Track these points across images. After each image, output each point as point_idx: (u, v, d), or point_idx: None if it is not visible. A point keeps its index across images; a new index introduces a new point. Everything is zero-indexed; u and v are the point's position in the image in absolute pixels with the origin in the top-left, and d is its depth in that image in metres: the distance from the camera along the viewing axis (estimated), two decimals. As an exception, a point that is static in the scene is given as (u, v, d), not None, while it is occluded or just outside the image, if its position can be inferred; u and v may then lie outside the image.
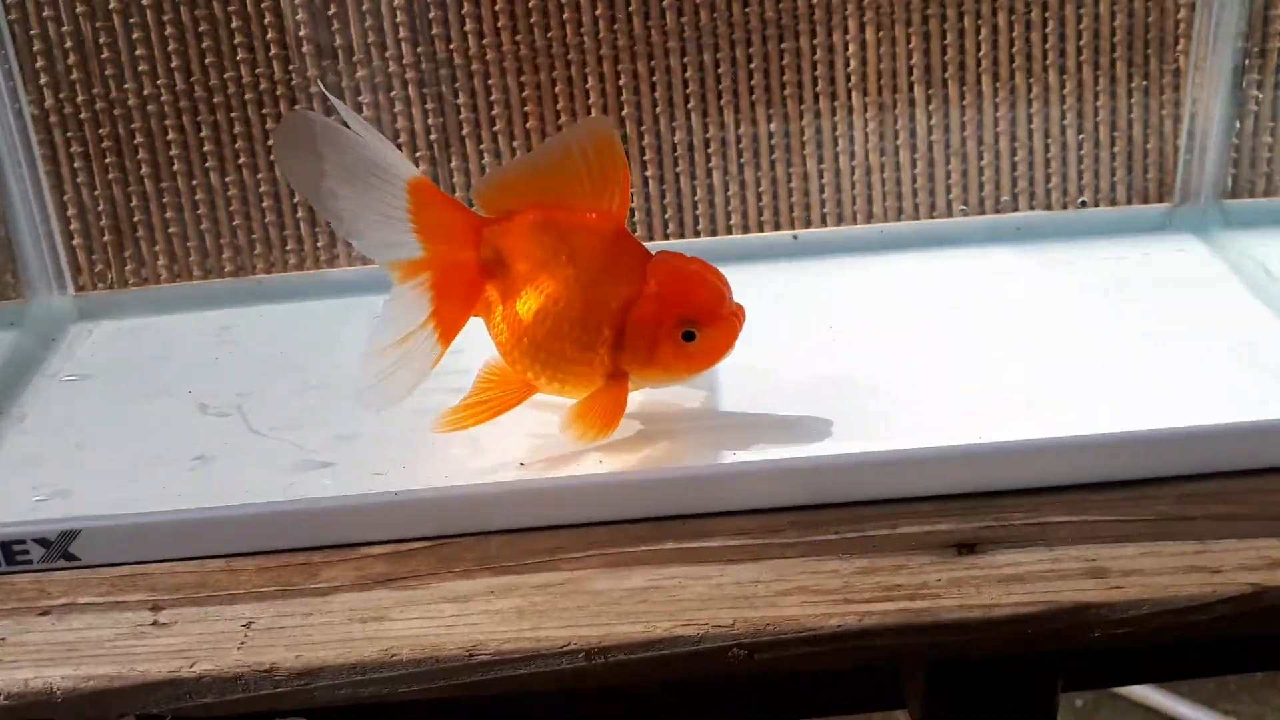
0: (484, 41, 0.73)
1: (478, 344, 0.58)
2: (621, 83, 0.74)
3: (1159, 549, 0.49)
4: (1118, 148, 0.73)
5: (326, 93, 0.57)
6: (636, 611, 0.48)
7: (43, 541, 0.53)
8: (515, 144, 0.75)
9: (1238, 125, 0.70)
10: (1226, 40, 0.68)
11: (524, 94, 0.74)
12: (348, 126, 0.54)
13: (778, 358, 0.62)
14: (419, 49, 0.73)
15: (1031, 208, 0.73)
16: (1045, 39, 0.72)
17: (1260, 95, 0.70)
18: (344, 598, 0.50)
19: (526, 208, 0.55)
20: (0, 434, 0.62)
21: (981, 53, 0.72)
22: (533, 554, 0.52)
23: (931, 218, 0.74)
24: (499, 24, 0.73)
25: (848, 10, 0.72)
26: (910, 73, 0.73)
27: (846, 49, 0.73)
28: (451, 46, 0.73)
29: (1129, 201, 0.73)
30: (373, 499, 0.53)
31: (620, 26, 0.73)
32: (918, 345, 0.63)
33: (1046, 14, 0.71)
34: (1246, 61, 0.69)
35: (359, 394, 0.55)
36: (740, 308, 0.55)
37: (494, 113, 0.74)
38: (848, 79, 0.73)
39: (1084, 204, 0.72)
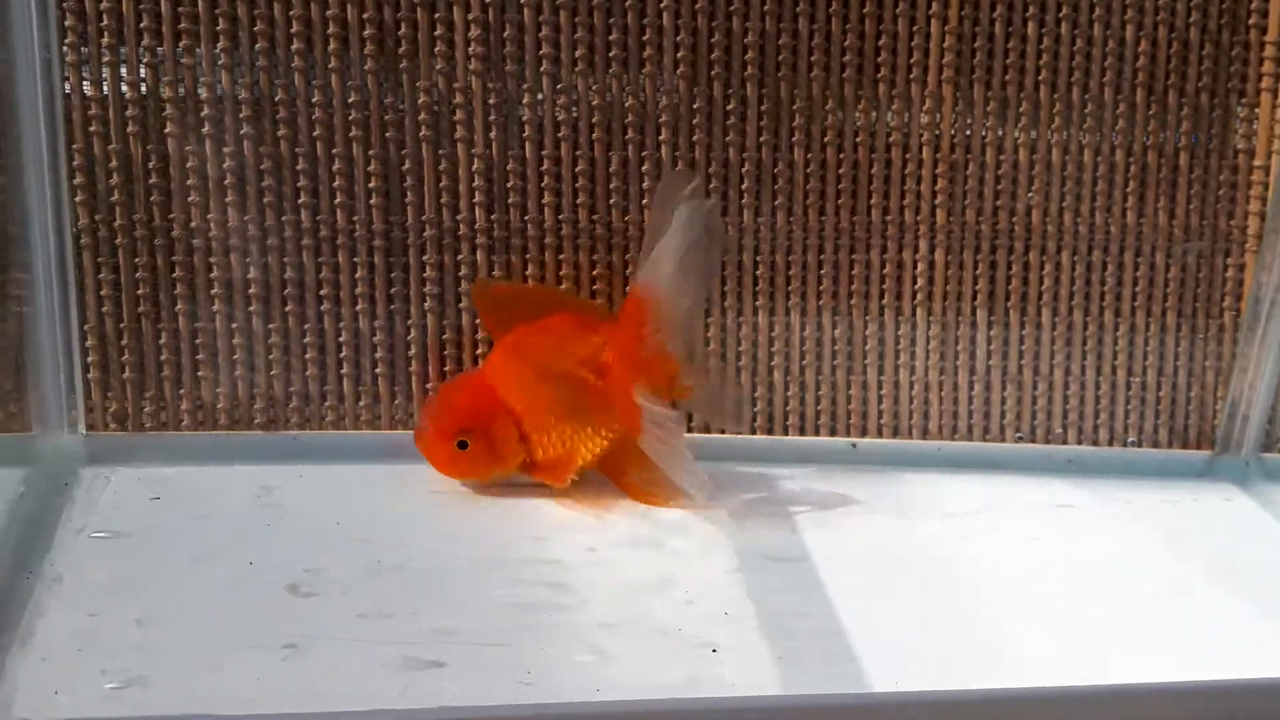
0: (560, 216, 0.71)
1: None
2: (693, 273, 0.73)
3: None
4: (1163, 392, 0.76)
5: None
6: None
7: (144, 741, 0.46)
8: (576, 321, 0.73)
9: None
10: (1281, 306, 0.73)
11: (595, 271, 0.72)
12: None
13: (864, 579, 0.61)
14: (492, 216, 0.71)
15: (1079, 442, 0.75)
16: (1104, 281, 0.75)
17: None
18: (501, 826, 0.46)
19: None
20: (37, 598, 0.54)
21: (1044, 286, 0.75)
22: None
23: (985, 440, 0.75)
24: (578, 200, 0.71)
25: (919, 231, 0.74)
26: (974, 296, 0.75)
27: (915, 266, 0.74)
28: (526, 217, 0.71)
29: (1170, 445, 0.76)
30: (520, 711, 0.48)
31: (698, 217, 0.72)
32: (1002, 577, 0.63)
33: (1107, 258, 0.74)
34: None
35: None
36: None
37: (562, 288, 0.72)
38: (914, 295, 0.74)
39: (1132, 443, 0.75)
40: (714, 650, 0.54)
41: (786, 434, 0.74)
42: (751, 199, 0.72)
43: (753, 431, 0.74)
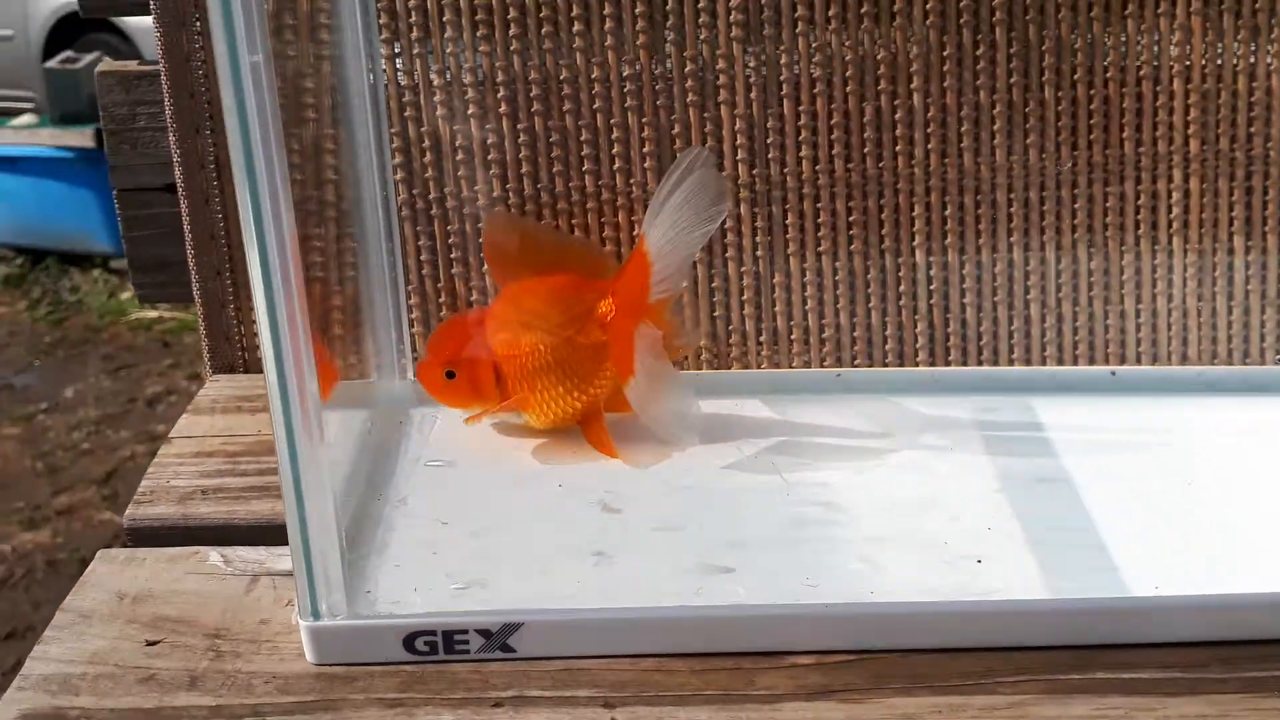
0: (817, 167, 0.77)
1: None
2: (947, 213, 0.77)
3: None
4: None
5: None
6: (1097, 741, 0.50)
7: (484, 632, 0.55)
8: (837, 263, 0.78)
9: None
10: None
11: (850, 218, 0.77)
12: None
13: (1124, 498, 0.65)
14: (754, 170, 0.77)
15: (1340, 361, 0.76)
16: (1368, 200, 0.75)
17: None
18: (793, 706, 0.52)
19: None
20: (389, 518, 0.64)
21: (1303, 209, 0.76)
22: (965, 675, 0.54)
23: (1245, 364, 0.76)
24: (833, 151, 0.77)
25: (1173, 161, 0.76)
26: (1231, 223, 0.76)
27: (1170, 196, 0.76)
28: (785, 170, 0.77)
29: None
30: (808, 610, 0.55)
31: (951, 160, 0.76)
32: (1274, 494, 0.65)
33: (1370, 177, 0.75)
34: None
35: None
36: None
37: (819, 234, 0.78)
38: (1169, 224, 0.76)
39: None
40: (979, 561, 0.59)
41: (1044, 364, 0.78)
42: (1004, 139, 0.76)
43: (1010, 362, 0.78)
